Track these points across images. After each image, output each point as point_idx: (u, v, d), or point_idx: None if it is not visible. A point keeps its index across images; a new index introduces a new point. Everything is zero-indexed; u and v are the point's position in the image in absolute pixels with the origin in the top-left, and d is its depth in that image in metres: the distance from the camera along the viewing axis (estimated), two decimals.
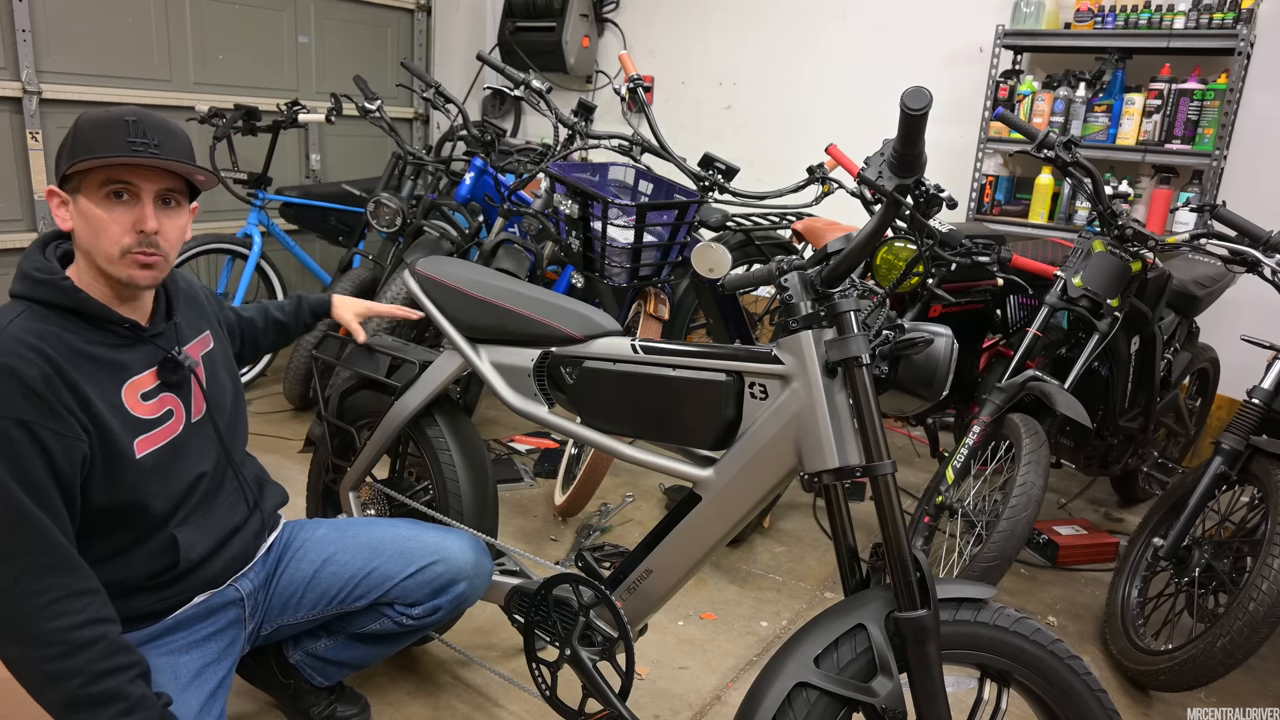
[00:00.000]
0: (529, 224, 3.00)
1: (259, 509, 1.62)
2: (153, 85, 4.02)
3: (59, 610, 1.24)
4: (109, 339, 1.38)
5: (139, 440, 1.39)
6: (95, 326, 1.36)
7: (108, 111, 1.34)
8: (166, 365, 1.44)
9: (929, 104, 1.15)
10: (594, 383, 1.62)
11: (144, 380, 1.42)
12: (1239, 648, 1.95)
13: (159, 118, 1.36)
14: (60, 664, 1.23)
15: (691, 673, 2.18)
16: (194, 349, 1.54)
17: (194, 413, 1.51)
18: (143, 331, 1.42)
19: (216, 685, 1.50)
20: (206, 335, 1.59)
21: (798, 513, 3.11)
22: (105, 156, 1.28)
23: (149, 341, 1.43)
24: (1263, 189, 3.46)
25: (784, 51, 4.53)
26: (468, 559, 1.70)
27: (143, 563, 1.42)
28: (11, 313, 1.32)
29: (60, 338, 1.31)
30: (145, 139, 1.31)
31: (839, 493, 1.39)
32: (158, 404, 1.44)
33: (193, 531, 1.48)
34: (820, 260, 1.37)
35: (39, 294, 1.33)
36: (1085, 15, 3.60)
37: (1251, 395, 2.27)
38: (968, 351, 2.98)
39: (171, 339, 1.48)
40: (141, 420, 1.40)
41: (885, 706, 1.25)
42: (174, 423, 1.46)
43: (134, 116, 1.32)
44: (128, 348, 1.40)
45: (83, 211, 1.33)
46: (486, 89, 3.39)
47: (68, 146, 1.33)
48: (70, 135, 1.33)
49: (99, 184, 1.31)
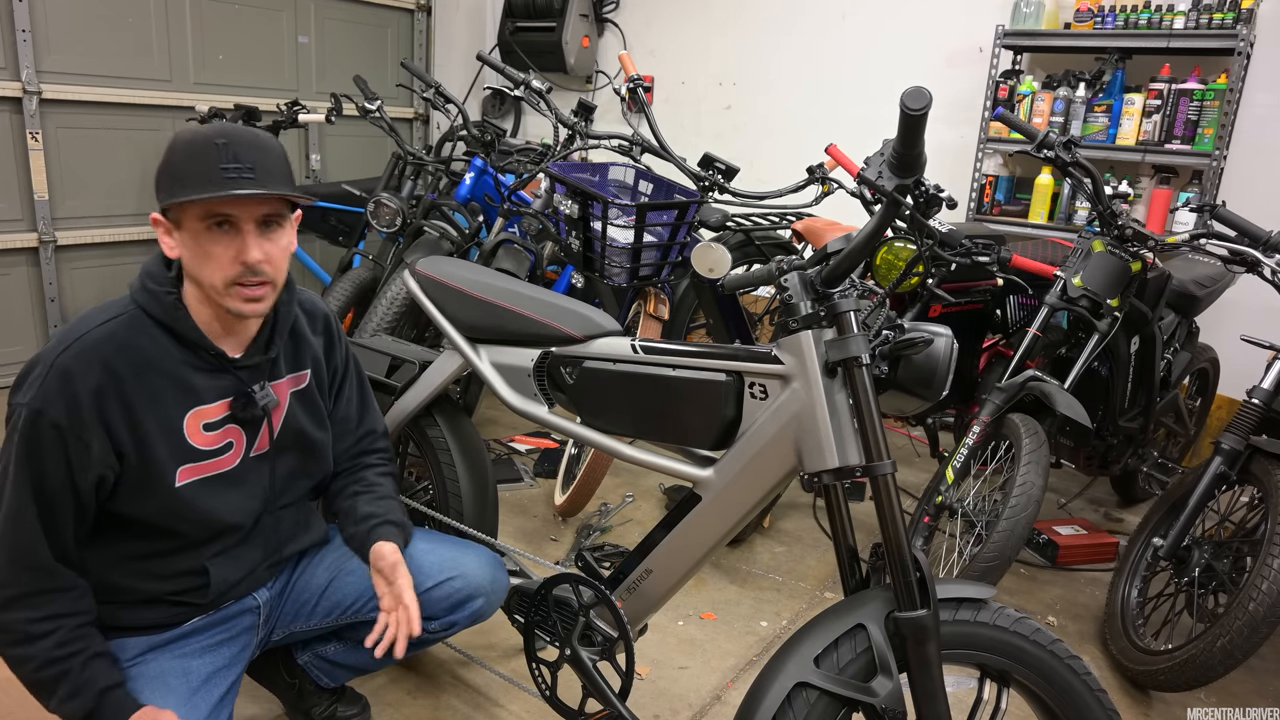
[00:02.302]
0: (529, 224, 3.00)
1: (279, 550, 1.60)
2: (153, 85, 4.02)
3: (20, 605, 1.30)
4: (193, 360, 1.38)
5: (183, 469, 1.39)
6: (184, 347, 1.37)
7: (197, 134, 1.31)
8: (240, 400, 1.43)
9: (929, 104, 1.15)
10: (594, 383, 1.62)
11: (212, 410, 1.41)
12: (1239, 648, 1.95)
13: (250, 134, 1.32)
14: (16, 650, 1.31)
15: (691, 673, 2.18)
16: (284, 385, 1.52)
17: (255, 449, 1.49)
18: (229, 362, 1.41)
19: (226, 690, 1.50)
20: (305, 374, 1.56)
21: (798, 513, 3.11)
22: (200, 197, 1.26)
23: (232, 373, 1.42)
24: (1263, 189, 3.46)
25: (784, 51, 4.53)
26: (485, 575, 1.67)
27: (169, 581, 1.44)
28: (112, 312, 1.34)
29: (141, 351, 1.33)
30: (238, 163, 1.28)
31: (839, 493, 1.39)
32: (219, 436, 1.43)
33: (226, 565, 1.49)
34: (820, 260, 1.37)
35: (145, 302, 1.35)
36: (1085, 15, 3.60)
37: (1251, 395, 2.27)
38: (968, 351, 2.98)
39: (261, 373, 1.46)
40: (194, 449, 1.40)
41: (885, 706, 1.25)
42: (230, 456, 1.45)
43: (223, 139, 1.29)
44: (209, 373, 1.40)
45: (186, 242, 1.32)
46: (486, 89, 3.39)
47: (165, 175, 1.30)
48: (166, 162, 1.31)
49: (198, 216, 1.29)
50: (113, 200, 3.98)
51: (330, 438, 1.64)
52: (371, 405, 1.75)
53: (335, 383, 1.66)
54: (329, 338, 1.63)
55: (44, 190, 3.72)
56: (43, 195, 3.72)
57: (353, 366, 1.70)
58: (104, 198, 3.95)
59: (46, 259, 3.79)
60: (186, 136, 1.32)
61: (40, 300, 3.84)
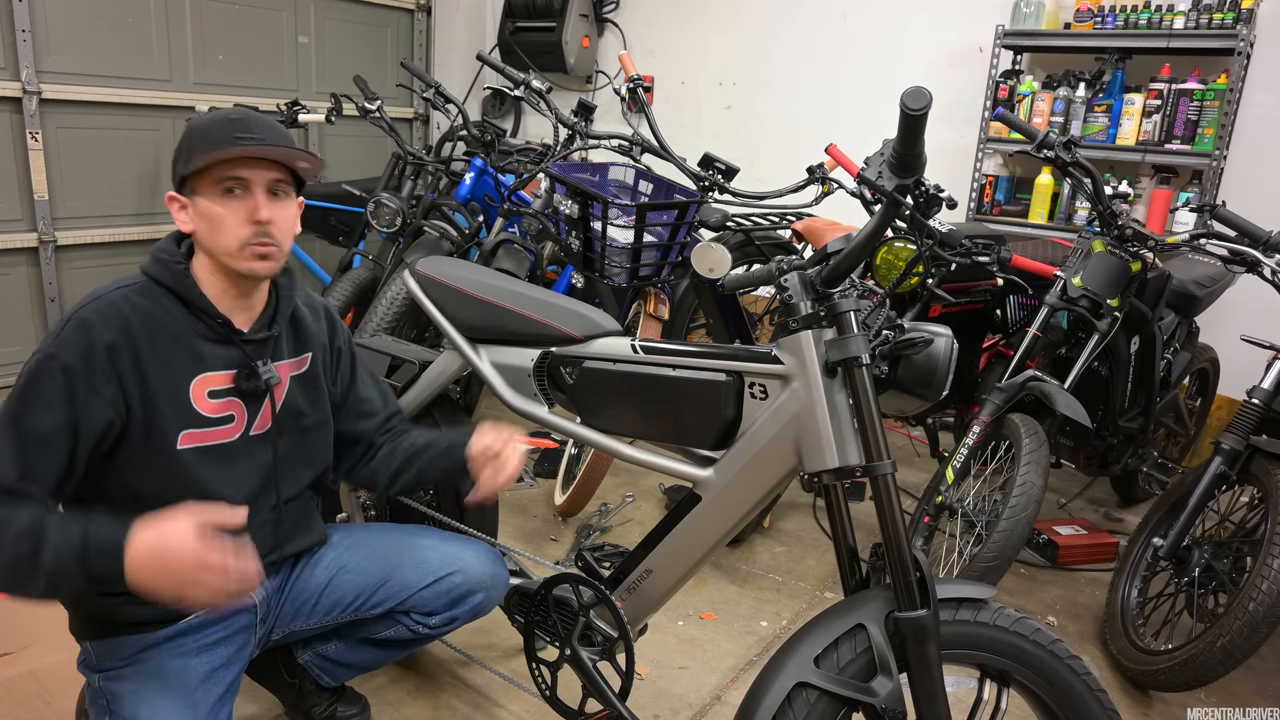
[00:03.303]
0: (529, 224, 3.00)
1: (279, 549, 1.59)
2: (153, 85, 4.01)
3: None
4: (201, 329, 1.43)
5: (186, 433, 1.41)
6: (193, 315, 1.42)
7: (217, 113, 1.43)
8: (244, 372, 1.47)
9: (929, 104, 1.15)
10: (594, 383, 1.62)
11: (218, 379, 1.45)
12: (1239, 648, 1.95)
13: (261, 115, 1.45)
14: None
15: (691, 673, 2.18)
16: (286, 367, 1.55)
17: (255, 427, 1.51)
18: (236, 334, 1.46)
19: (225, 689, 1.50)
20: (307, 358, 1.59)
21: (798, 513, 3.11)
22: (218, 152, 1.35)
23: (238, 344, 1.46)
24: (1263, 189, 3.46)
25: (784, 51, 4.53)
26: (485, 570, 1.69)
27: None
28: (128, 281, 1.42)
29: (154, 315, 1.39)
30: (250, 132, 1.39)
31: (839, 493, 1.39)
32: (223, 405, 1.46)
33: None
34: (820, 260, 1.37)
35: (154, 271, 1.42)
36: (1085, 15, 3.60)
37: (1251, 395, 2.27)
38: (968, 351, 2.98)
39: (265, 350, 1.50)
40: (197, 414, 1.43)
41: (885, 706, 1.25)
42: (230, 429, 1.47)
43: (238, 115, 1.41)
44: (216, 343, 1.44)
45: (201, 211, 1.39)
46: (486, 89, 3.39)
47: (182, 152, 1.40)
48: (183, 142, 1.41)
49: (213, 182, 1.38)
50: (113, 200, 3.98)
51: (329, 425, 1.65)
52: (389, 390, 1.81)
53: (343, 364, 1.70)
54: (330, 324, 1.68)
55: (44, 190, 3.72)
56: (42, 195, 3.72)
57: (356, 352, 1.74)
58: (104, 198, 3.95)
59: (46, 259, 3.79)
60: (201, 117, 1.43)
61: (40, 300, 3.84)
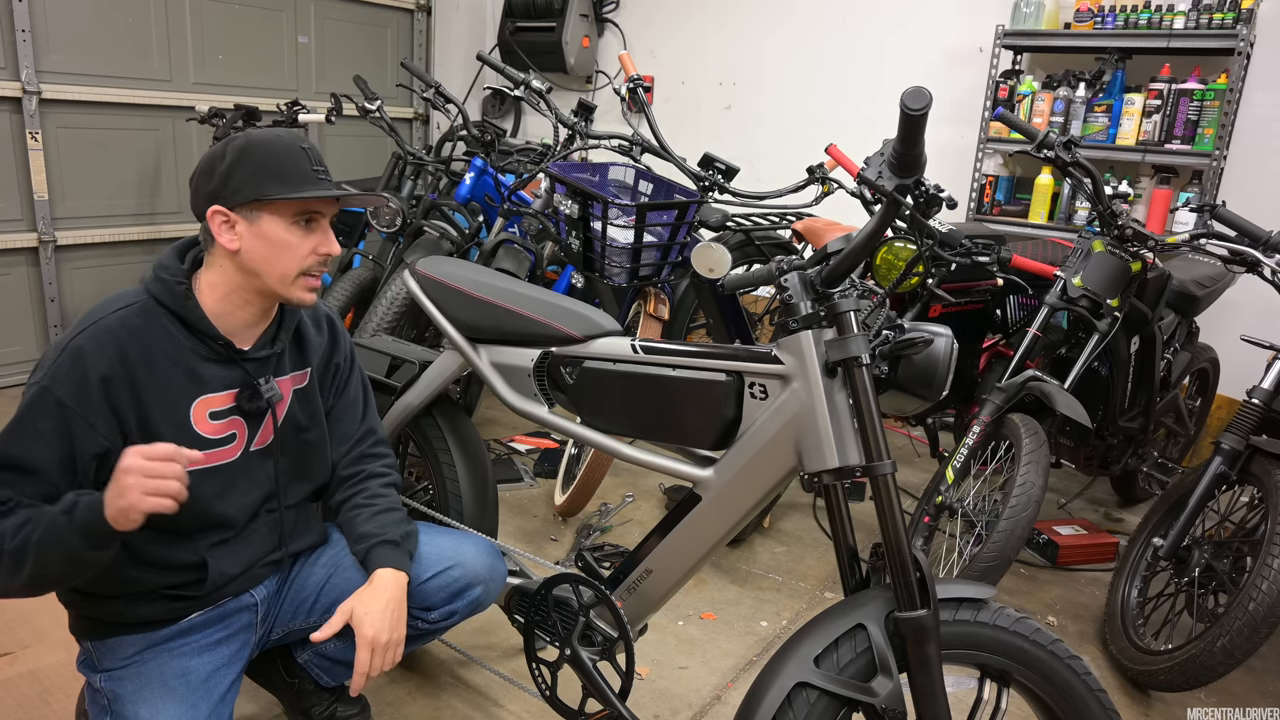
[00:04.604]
0: (529, 224, 3.00)
1: (283, 548, 1.61)
2: (153, 85, 4.02)
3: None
4: (202, 350, 1.42)
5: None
6: (194, 336, 1.41)
7: (280, 138, 1.40)
8: (246, 391, 1.46)
9: (929, 104, 1.15)
10: (594, 383, 1.62)
11: (219, 399, 1.44)
12: (1239, 648, 1.95)
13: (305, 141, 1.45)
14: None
15: (691, 673, 2.18)
16: (287, 382, 1.55)
17: (256, 443, 1.51)
18: (237, 353, 1.45)
19: (226, 689, 1.50)
20: (306, 372, 1.59)
21: (798, 513, 3.11)
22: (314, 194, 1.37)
23: (239, 364, 1.45)
24: (1263, 189, 3.46)
25: (784, 51, 4.53)
26: (483, 563, 1.69)
27: (167, 574, 1.44)
28: (126, 300, 1.39)
29: (152, 338, 1.37)
30: (320, 166, 1.41)
31: (839, 493, 1.39)
32: (224, 425, 1.46)
33: (224, 558, 1.49)
34: (820, 260, 1.37)
35: (155, 290, 1.40)
36: (1085, 15, 3.60)
37: (1251, 395, 2.27)
38: (968, 351, 2.98)
39: (267, 367, 1.49)
40: (199, 437, 1.42)
41: (885, 706, 1.25)
42: (232, 448, 1.48)
43: (306, 144, 1.42)
44: (217, 363, 1.43)
45: (265, 234, 1.38)
46: (486, 89, 3.39)
47: (249, 171, 1.36)
48: (249, 159, 1.37)
49: (293, 212, 1.39)
50: (112, 200, 3.98)
51: (327, 438, 1.64)
52: (372, 406, 1.77)
53: (338, 379, 1.68)
54: (332, 336, 1.66)
55: (44, 190, 3.72)
56: (42, 195, 3.72)
57: (357, 367, 1.72)
58: (104, 198, 3.95)
59: (46, 259, 3.79)
60: (267, 138, 1.39)
61: (40, 300, 3.84)
